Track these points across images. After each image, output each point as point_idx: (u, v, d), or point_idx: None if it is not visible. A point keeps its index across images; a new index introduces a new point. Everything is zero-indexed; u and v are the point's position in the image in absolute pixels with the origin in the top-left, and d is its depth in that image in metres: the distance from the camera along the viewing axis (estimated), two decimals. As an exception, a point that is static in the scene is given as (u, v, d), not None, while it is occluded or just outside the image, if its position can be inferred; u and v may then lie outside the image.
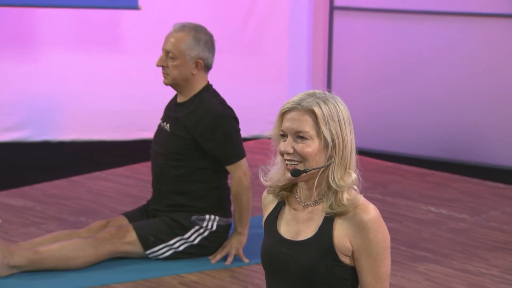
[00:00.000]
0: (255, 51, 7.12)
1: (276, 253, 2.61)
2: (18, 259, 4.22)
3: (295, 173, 2.53)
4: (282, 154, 2.55)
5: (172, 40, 4.37)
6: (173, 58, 4.36)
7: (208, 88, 4.47)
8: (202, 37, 4.38)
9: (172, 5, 6.91)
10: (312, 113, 2.50)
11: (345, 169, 2.54)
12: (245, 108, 5.55)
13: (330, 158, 2.53)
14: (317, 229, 2.57)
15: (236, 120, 4.43)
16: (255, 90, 7.09)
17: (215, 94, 4.48)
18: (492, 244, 4.84)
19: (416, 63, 6.60)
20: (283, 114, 2.55)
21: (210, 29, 4.47)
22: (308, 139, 2.51)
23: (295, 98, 2.54)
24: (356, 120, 7.03)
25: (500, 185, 5.94)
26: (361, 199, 2.57)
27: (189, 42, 4.35)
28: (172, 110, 4.51)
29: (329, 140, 2.51)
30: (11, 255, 4.21)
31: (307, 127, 2.50)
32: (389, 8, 6.62)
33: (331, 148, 2.52)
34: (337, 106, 2.53)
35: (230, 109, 4.43)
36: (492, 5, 6.31)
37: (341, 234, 2.55)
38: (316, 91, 2.57)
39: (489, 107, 6.41)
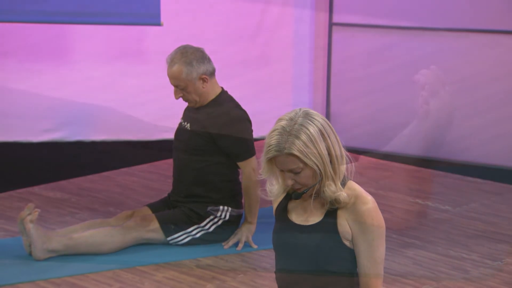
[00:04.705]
0: (263, 63, 7.10)
1: (286, 236, 2.62)
2: (55, 244, 4.23)
3: (297, 196, 2.59)
4: (288, 186, 2.58)
5: (172, 76, 4.38)
6: (183, 89, 4.37)
7: (224, 93, 4.48)
8: (192, 58, 4.37)
9: (190, 22, 6.88)
10: (293, 155, 2.49)
11: (332, 179, 2.54)
12: (254, 112, 5.52)
13: (320, 174, 2.53)
14: (322, 216, 2.59)
15: (249, 121, 4.44)
16: (263, 96, 7.06)
17: (231, 99, 4.48)
18: (472, 232, 4.82)
19: (405, 73, 6.56)
20: (270, 159, 2.54)
21: (223, 43, 4.46)
22: (300, 172, 2.52)
23: (272, 142, 2.50)
24: (352, 124, 7.01)
25: (479, 180, 5.91)
26: (361, 191, 2.59)
27: (185, 70, 4.34)
28: (192, 112, 4.51)
29: (315, 167, 2.51)
30: (49, 241, 4.22)
31: (295, 164, 2.51)
32: (382, 24, 6.60)
33: (318, 169, 2.53)
34: (308, 131, 2.49)
35: (244, 112, 4.44)
36: (474, 22, 6.28)
37: (343, 221, 2.57)
38: (286, 117, 2.52)
39: (469, 112, 6.37)
